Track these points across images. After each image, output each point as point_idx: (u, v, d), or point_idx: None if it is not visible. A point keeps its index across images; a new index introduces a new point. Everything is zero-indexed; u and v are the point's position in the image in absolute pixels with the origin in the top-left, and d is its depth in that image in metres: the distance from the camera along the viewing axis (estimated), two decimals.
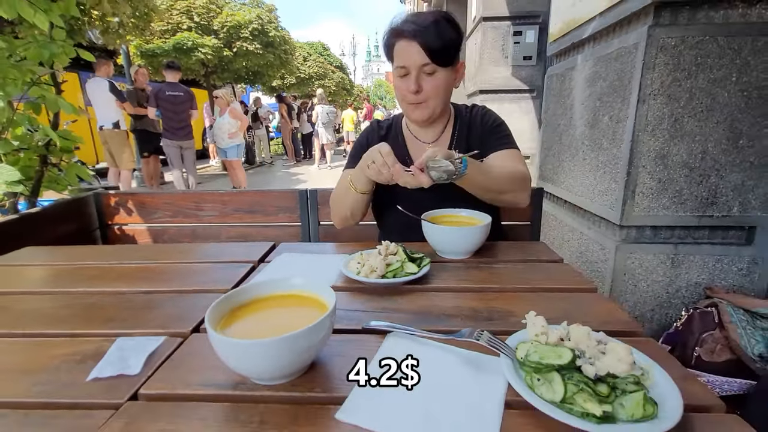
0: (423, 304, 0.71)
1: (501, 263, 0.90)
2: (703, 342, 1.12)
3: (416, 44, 0.97)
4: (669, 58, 1.19)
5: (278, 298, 0.58)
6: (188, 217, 1.64)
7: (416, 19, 0.99)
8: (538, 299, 0.72)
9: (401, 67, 1.01)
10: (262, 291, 0.58)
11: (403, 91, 1.03)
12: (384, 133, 1.18)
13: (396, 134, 1.18)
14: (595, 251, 1.49)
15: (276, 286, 0.59)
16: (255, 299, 0.57)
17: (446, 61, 1.00)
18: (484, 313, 0.67)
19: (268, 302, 0.57)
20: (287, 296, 0.59)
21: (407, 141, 1.16)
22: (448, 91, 1.05)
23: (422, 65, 0.99)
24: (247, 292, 0.57)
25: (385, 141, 1.17)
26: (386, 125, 1.20)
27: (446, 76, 1.02)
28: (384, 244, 0.84)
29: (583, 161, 1.61)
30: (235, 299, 0.56)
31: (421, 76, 1.01)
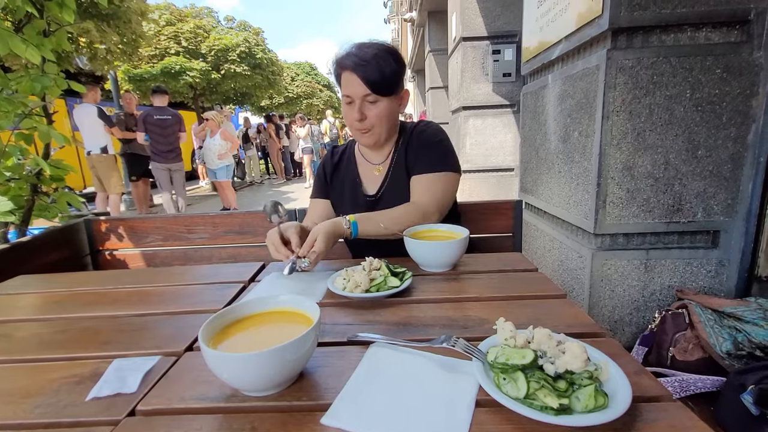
0: (404, 315, 0.76)
1: (478, 274, 0.95)
2: (677, 342, 1.17)
3: (357, 77, 1.03)
4: (628, 78, 1.29)
5: (267, 315, 0.63)
6: (179, 240, 1.67)
7: (358, 53, 1.04)
8: (511, 307, 0.78)
9: (347, 96, 1.08)
10: (252, 309, 0.63)
11: (350, 119, 1.10)
12: (337, 160, 1.25)
13: (349, 157, 1.24)
14: (573, 259, 1.56)
15: (264, 303, 0.63)
16: (245, 317, 0.62)
17: (387, 92, 1.07)
18: (461, 322, 0.72)
19: (257, 319, 0.62)
20: (275, 313, 0.63)
21: (358, 164, 1.23)
22: (391, 118, 1.11)
23: (364, 96, 1.05)
24: (237, 310, 0.61)
25: (337, 167, 1.25)
26: (341, 150, 1.27)
27: (389, 104, 1.09)
28: (368, 260, 0.89)
29: (558, 174, 1.69)
30: (226, 317, 0.60)
31: (365, 105, 1.07)
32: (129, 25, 5.85)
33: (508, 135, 4.18)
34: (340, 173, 1.24)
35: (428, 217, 1.07)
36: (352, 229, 1.01)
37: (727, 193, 1.32)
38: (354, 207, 1.04)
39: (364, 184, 1.21)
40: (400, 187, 1.16)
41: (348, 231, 1.01)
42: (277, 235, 0.96)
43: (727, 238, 1.36)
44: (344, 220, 1.01)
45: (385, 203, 1.15)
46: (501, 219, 1.52)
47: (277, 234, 0.96)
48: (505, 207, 1.51)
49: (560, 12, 1.60)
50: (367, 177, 1.21)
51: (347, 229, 1.01)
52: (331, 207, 1.25)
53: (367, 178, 1.21)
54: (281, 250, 0.93)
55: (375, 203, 1.17)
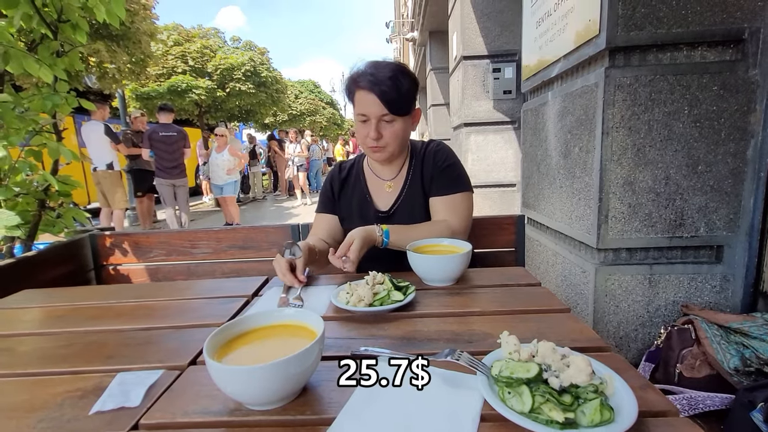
0: (408, 329, 0.76)
1: (482, 288, 0.95)
2: (683, 358, 1.16)
3: (375, 96, 1.05)
4: (626, 95, 1.32)
5: (271, 329, 0.63)
6: (183, 255, 1.68)
7: (375, 72, 1.06)
8: (515, 321, 0.77)
9: (362, 114, 1.09)
10: (256, 322, 0.63)
11: (364, 136, 1.11)
12: (345, 175, 1.27)
13: (357, 173, 1.26)
14: (577, 274, 1.55)
15: (269, 317, 0.64)
16: (249, 330, 0.62)
17: (403, 111, 1.09)
18: (465, 336, 0.72)
19: (261, 333, 0.62)
20: (279, 326, 0.63)
21: (368, 179, 1.24)
22: (405, 136, 1.14)
23: (381, 115, 1.07)
24: (241, 324, 0.62)
25: (345, 183, 1.26)
26: (348, 166, 1.29)
27: (404, 123, 1.11)
28: (371, 275, 0.90)
29: (560, 189, 1.70)
30: (231, 331, 0.60)
31: (381, 124, 1.09)
32: (138, 46, 6.02)
33: (509, 151, 4.22)
34: (348, 189, 1.25)
35: (456, 235, 1.08)
36: (384, 237, 1.04)
37: (728, 208, 1.33)
38: (364, 222, 1.06)
39: (375, 200, 1.22)
40: (415, 204, 1.18)
41: (380, 239, 1.04)
42: (285, 260, 0.97)
43: (731, 253, 1.35)
44: (377, 228, 1.04)
45: (398, 219, 1.16)
46: (503, 234, 1.53)
47: (284, 260, 0.97)
48: (507, 222, 1.51)
49: (558, 32, 1.65)
50: (378, 193, 1.22)
51: (380, 236, 1.04)
52: (338, 222, 1.26)
53: (378, 193, 1.22)
54: (287, 276, 0.95)
55: (387, 219, 1.18)
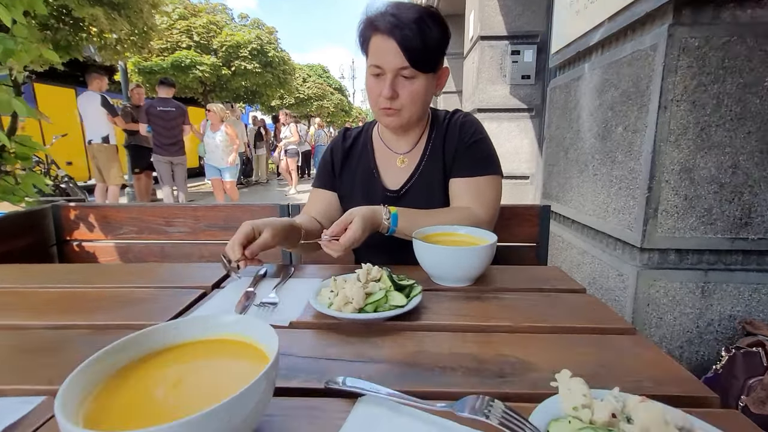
0: (411, 349, 0.53)
1: (509, 293, 0.72)
2: (750, 389, 0.93)
3: (394, 43, 0.83)
4: (693, 60, 1.06)
5: (198, 348, 0.41)
6: (157, 233, 1.46)
7: (397, 13, 0.84)
8: (562, 343, 0.55)
9: (376, 66, 0.87)
10: (176, 337, 0.41)
11: (376, 94, 0.89)
12: (350, 145, 1.04)
13: (365, 144, 1.03)
14: (611, 277, 1.32)
15: (194, 328, 0.41)
16: (164, 349, 0.40)
17: (428, 67, 0.86)
18: (492, 365, 0.49)
19: (181, 354, 0.40)
20: (213, 343, 0.41)
21: (376, 152, 1.02)
22: (426, 100, 0.91)
23: (400, 68, 0.85)
24: (150, 339, 0.39)
25: (350, 153, 1.04)
26: (354, 134, 1.06)
27: (426, 83, 0.88)
28: (365, 268, 0.67)
29: (593, 177, 1.46)
30: (126, 352, 0.38)
31: (398, 81, 0.87)
32: (140, 15, 5.74)
33: (524, 140, 3.95)
34: (352, 161, 1.03)
35: (480, 227, 0.86)
36: (391, 222, 0.83)
37: None
38: (369, 203, 0.84)
39: (383, 177, 1.00)
40: (432, 185, 0.96)
41: (386, 224, 0.83)
42: (250, 229, 0.75)
43: None
44: (384, 209, 0.83)
45: (410, 201, 0.95)
46: (524, 226, 1.30)
47: (250, 229, 0.75)
48: (529, 213, 1.28)
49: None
50: (388, 168, 1.00)
51: (386, 220, 0.83)
52: (337, 200, 1.04)
53: (388, 169, 1.00)
54: (235, 249, 0.73)
55: (397, 200, 0.97)
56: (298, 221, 0.90)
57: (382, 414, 0.40)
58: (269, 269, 0.87)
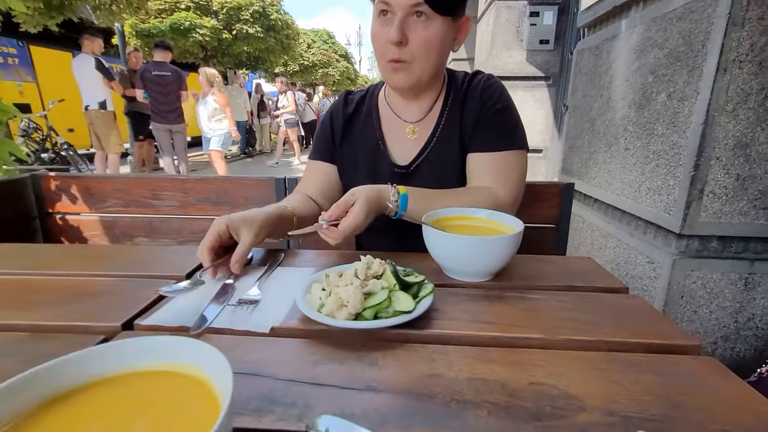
0: (420, 372, 0.42)
1: (536, 292, 0.60)
2: None
3: None
4: (765, 11, 0.88)
5: (131, 382, 0.29)
6: (144, 207, 1.35)
7: None
8: (612, 366, 0.43)
9: (383, 2, 0.71)
10: (101, 368, 0.29)
11: (382, 42, 0.73)
12: (352, 110, 0.89)
13: (369, 110, 0.88)
14: (639, 265, 1.19)
15: (129, 355, 0.30)
16: (73, 389, 0.28)
17: (446, 8, 0.70)
18: (527, 399, 0.38)
19: (105, 395, 0.28)
20: (149, 376, 0.30)
21: (383, 119, 0.87)
22: (442, 52, 0.75)
23: (412, 5, 0.69)
24: (57, 375, 0.28)
25: (352, 121, 0.88)
26: (358, 98, 0.91)
27: (443, 29, 0.72)
28: (364, 261, 0.55)
29: (625, 152, 1.30)
30: (27, 393, 0.26)
31: (409, 22, 0.71)
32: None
33: (539, 111, 3.73)
34: (354, 130, 0.89)
35: (503, 210, 0.73)
36: (400, 204, 0.71)
37: None
38: (374, 180, 0.72)
39: (391, 150, 0.86)
40: (447, 160, 0.82)
41: (394, 205, 0.70)
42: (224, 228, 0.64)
43: None
44: (391, 189, 0.71)
45: (421, 179, 0.81)
46: (543, 206, 1.16)
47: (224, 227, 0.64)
48: (550, 191, 1.15)
49: None
50: (396, 139, 0.86)
51: (394, 202, 0.70)
52: (337, 175, 0.91)
53: (396, 140, 0.86)
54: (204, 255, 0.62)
55: (405, 178, 0.83)
56: (291, 206, 0.77)
57: None
58: (255, 254, 0.75)
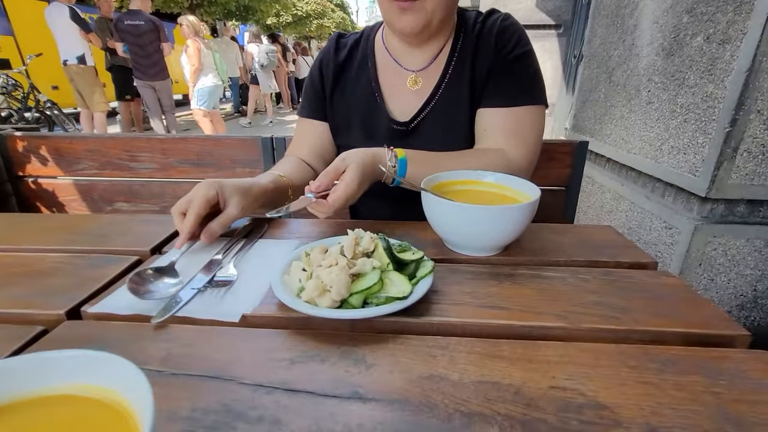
0: (417, 372, 0.35)
1: (552, 269, 0.52)
2: None
3: None
4: None
5: (15, 413, 0.22)
6: (121, 170, 1.25)
7: None
8: (648, 365, 0.35)
9: None
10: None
11: None
12: (345, 57, 0.77)
13: (364, 57, 0.76)
14: (655, 230, 1.11)
15: (13, 379, 0.22)
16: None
17: None
18: (548, 410, 0.31)
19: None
20: (43, 405, 0.22)
21: (380, 68, 0.75)
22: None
23: None
24: None
25: (344, 69, 0.76)
26: (351, 42, 0.78)
27: None
28: (352, 236, 0.47)
29: (646, 105, 1.18)
30: None
31: None
32: None
33: (547, 63, 3.50)
34: (347, 80, 0.77)
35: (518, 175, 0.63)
36: (398, 169, 0.62)
37: None
38: (370, 139, 0.63)
39: (389, 103, 0.74)
40: (455, 114, 0.72)
41: (392, 171, 0.61)
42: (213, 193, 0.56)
43: None
44: (388, 153, 0.63)
45: (424, 138, 0.72)
46: (553, 166, 1.07)
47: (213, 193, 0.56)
48: (561, 150, 1.05)
49: None
50: (395, 91, 0.75)
51: (391, 167, 0.61)
52: (329, 134, 0.80)
53: (395, 93, 0.75)
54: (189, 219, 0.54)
55: (406, 136, 0.73)
56: (286, 174, 0.69)
57: None
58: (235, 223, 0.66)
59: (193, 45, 4.02)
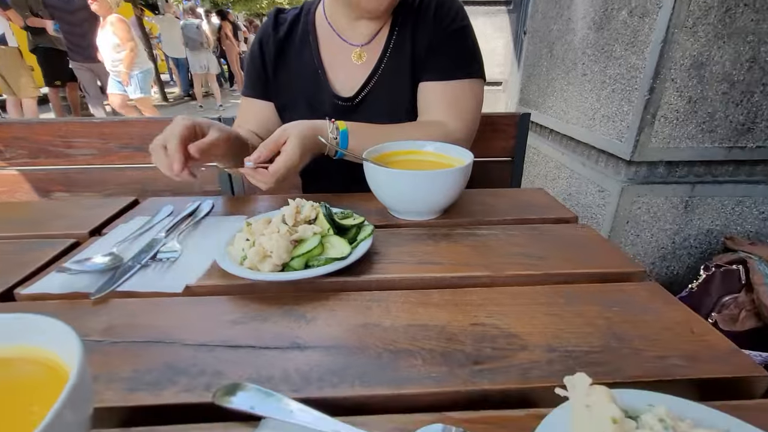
0: (353, 322, 0.38)
1: (486, 227, 0.57)
2: (723, 307, 0.90)
3: None
4: None
5: None
6: (56, 157, 1.17)
7: None
8: (558, 300, 0.41)
9: None
10: None
11: None
12: (285, 33, 0.76)
13: (305, 31, 0.76)
14: (590, 193, 1.21)
15: None
16: None
17: None
18: (466, 343, 0.35)
19: None
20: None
21: (322, 43, 0.75)
22: None
23: None
24: None
25: (285, 46, 0.76)
26: (291, 18, 0.77)
27: None
28: (293, 205, 0.48)
29: (582, 77, 1.25)
30: None
31: None
32: None
33: (499, 41, 3.55)
34: (289, 57, 0.76)
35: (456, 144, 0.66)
36: (340, 141, 0.63)
37: None
38: (315, 116, 0.62)
39: (332, 79, 0.75)
40: (398, 89, 0.73)
41: (334, 142, 0.62)
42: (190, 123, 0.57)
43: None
44: (330, 125, 0.63)
45: (369, 112, 0.73)
46: (498, 139, 1.12)
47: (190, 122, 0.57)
48: (505, 123, 1.10)
49: None
50: (338, 67, 0.75)
51: (333, 139, 0.62)
52: (275, 113, 0.80)
53: (338, 68, 0.75)
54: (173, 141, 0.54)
55: (350, 112, 0.74)
56: (244, 135, 0.70)
57: None
58: (176, 205, 0.66)
59: (119, 22, 3.40)
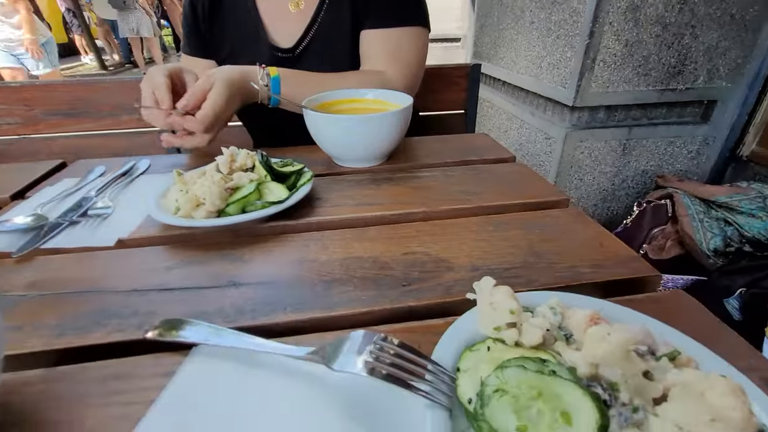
0: (290, 259, 0.39)
1: (428, 170, 0.58)
2: (652, 239, 0.99)
3: None
4: None
5: None
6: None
7: None
8: (486, 228, 0.43)
9: None
10: None
11: None
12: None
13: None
14: (538, 142, 1.25)
15: None
16: None
17: None
18: (396, 269, 0.37)
19: None
20: None
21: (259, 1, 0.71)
22: None
23: None
24: None
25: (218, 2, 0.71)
26: None
27: None
28: (227, 153, 0.47)
29: (529, 26, 1.26)
30: None
31: None
32: None
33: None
34: (223, 8, 0.72)
35: None
36: (272, 88, 0.61)
37: (740, 49, 1.02)
38: None
39: (270, 30, 0.71)
40: (338, 38, 0.70)
41: (265, 89, 0.60)
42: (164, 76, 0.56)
43: (722, 111, 1.11)
44: (260, 71, 0.61)
45: (311, 65, 0.69)
46: (451, 91, 1.12)
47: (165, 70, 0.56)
48: (456, 75, 1.10)
49: None
50: (276, 16, 0.71)
51: (264, 86, 0.60)
52: None
53: (276, 17, 0.71)
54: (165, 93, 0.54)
55: (292, 63, 0.71)
56: None
57: (223, 371, 0.27)
58: (108, 166, 0.62)
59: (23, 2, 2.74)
